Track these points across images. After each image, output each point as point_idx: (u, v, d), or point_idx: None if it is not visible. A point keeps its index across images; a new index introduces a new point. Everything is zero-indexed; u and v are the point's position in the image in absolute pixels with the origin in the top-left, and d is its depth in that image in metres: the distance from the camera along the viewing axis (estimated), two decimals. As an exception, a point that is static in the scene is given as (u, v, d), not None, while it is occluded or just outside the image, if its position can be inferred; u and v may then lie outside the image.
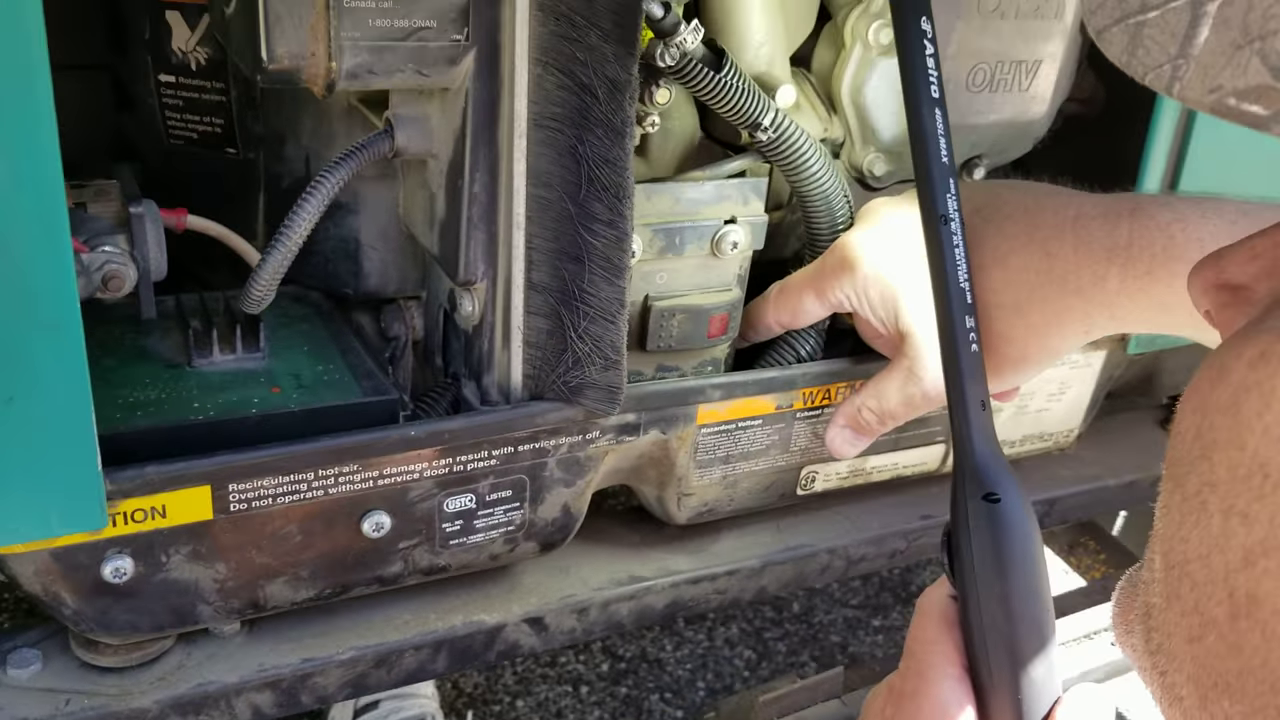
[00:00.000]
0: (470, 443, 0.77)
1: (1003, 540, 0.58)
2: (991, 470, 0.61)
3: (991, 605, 0.57)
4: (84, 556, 0.69)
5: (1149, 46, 0.34)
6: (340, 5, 0.65)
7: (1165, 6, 0.34)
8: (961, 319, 0.64)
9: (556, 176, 0.73)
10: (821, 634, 2.02)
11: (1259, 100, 0.31)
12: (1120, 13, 0.35)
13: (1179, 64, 0.33)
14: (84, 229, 0.71)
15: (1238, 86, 0.32)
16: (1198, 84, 0.33)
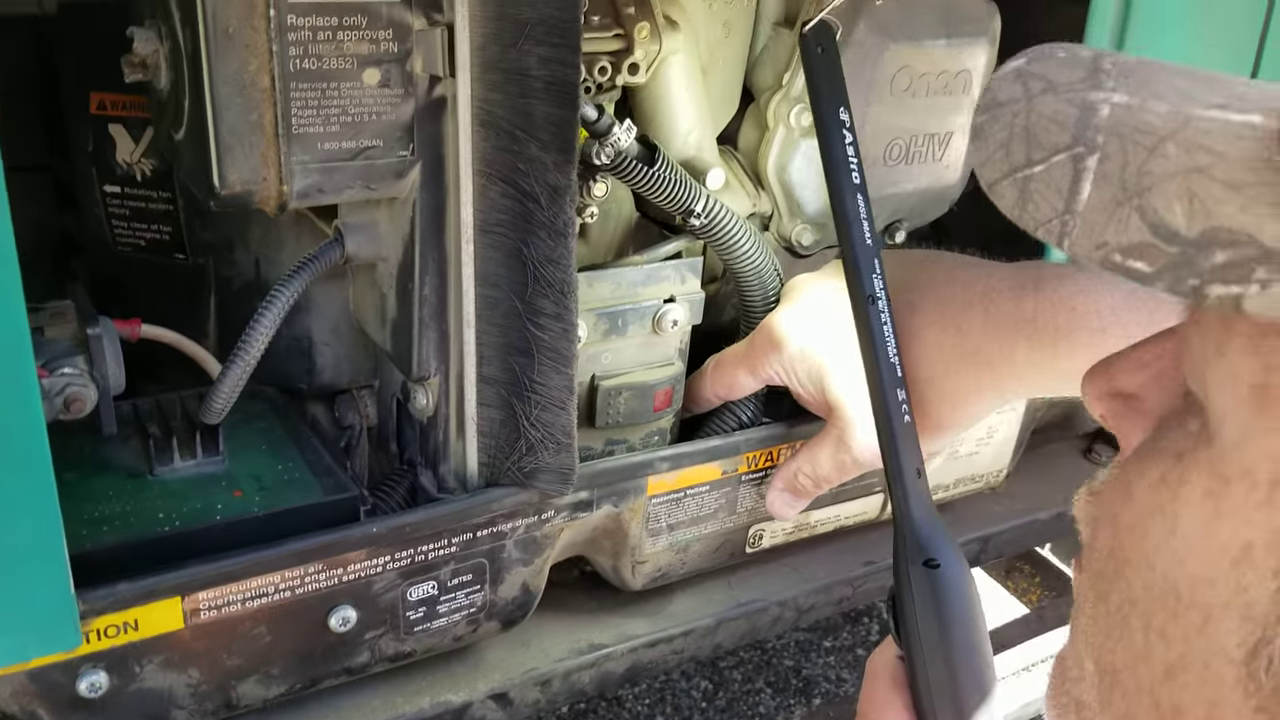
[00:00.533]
0: (430, 533, 0.80)
1: (943, 603, 0.63)
2: (930, 536, 0.65)
3: (936, 665, 0.61)
4: (60, 675, 0.70)
5: (1037, 202, 0.36)
6: (290, 131, 0.68)
7: (1048, 161, 0.36)
8: (894, 393, 0.68)
9: (503, 277, 0.76)
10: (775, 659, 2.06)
11: (1142, 257, 0.33)
12: (1008, 167, 0.37)
13: (1066, 220, 0.35)
14: (43, 353, 0.72)
15: (1121, 243, 0.33)
16: (1084, 240, 0.34)
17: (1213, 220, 0.32)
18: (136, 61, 0.72)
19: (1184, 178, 0.33)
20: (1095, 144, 0.35)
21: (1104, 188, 0.34)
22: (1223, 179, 0.33)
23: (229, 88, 0.66)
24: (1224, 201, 0.32)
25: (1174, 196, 0.33)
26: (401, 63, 0.70)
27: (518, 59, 0.69)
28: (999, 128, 0.38)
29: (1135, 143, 0.35)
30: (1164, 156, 0.34)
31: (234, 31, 0.65)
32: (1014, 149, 0.37)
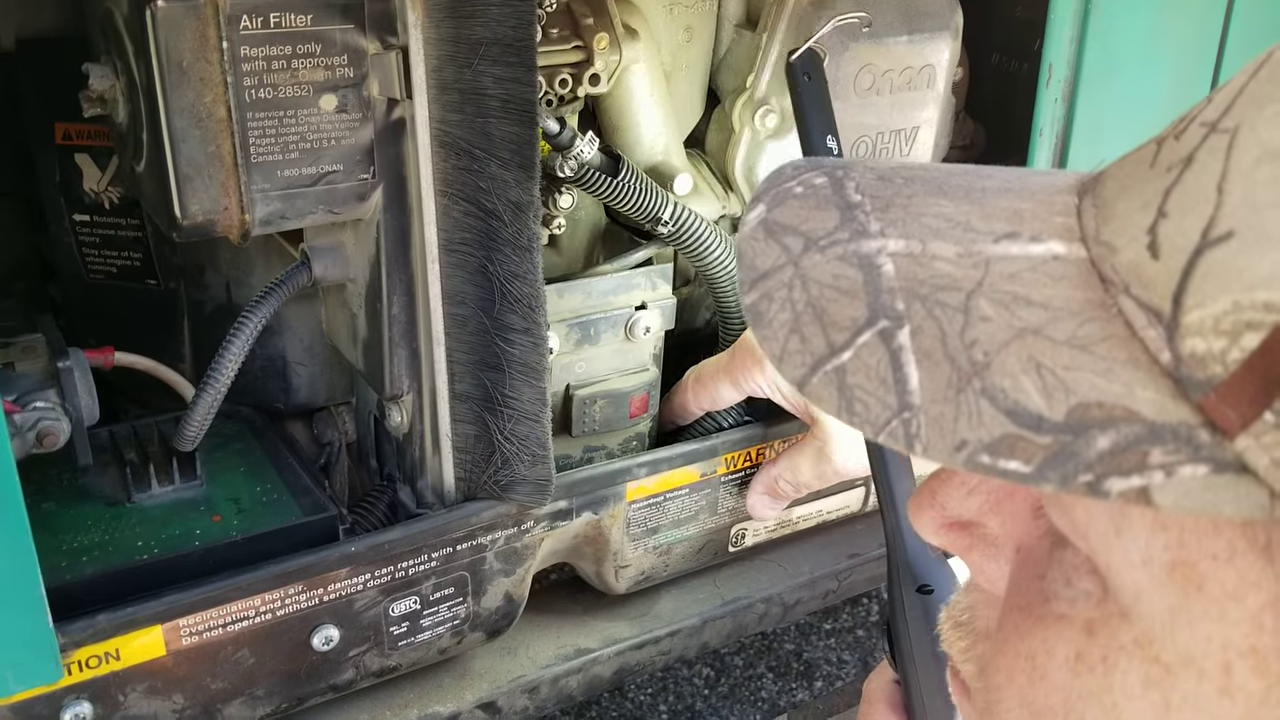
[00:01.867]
0: (410, 549, 0.80)
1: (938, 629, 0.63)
2: (922, 561, 0.65)
3: (932, 690, 0.62)
4: (43, 707, 0.71)
5: (865, 400, 0.30)
6: (249, 160, 0.68)
7: (854, 345, 0.30)
8: None
9: (470, 294, 0.76)
10: (776, 644, 2.07)
11: (1013, 454, 0.28)
12: (811, 359, 0.31)
13: (908, 420, 0.29)
14: (13, 388, 0.73)
15: (983, 440, 0.28)
16: (939, 443, 0.29)
17: (1076, 395, 0.28)
18: (94, 96, 0.72)
19: (1019, 344, 0.29)
20: (897, 312, 0.30)
21: (932, 370, 0.29)
22: (1063, 339, 0.29)
23: (185, 120, 0.66)
24: (1077, 368, 0.28)
25: (1019, 371, 0.28)
26: (358, 87, 0.70)
27: (474, 79, 0.69)
28: (777, 307, 0.32)
29: (942, 304, 0.30)
30: (983, 319, 0.29)
31: (187, 65, 0.65)
32: (807, 333, 0.31)
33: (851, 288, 0.31)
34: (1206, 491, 0.26)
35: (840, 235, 0.33)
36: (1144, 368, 0.28)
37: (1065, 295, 0.29)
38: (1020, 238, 0.31)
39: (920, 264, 0.31)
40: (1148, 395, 0.27)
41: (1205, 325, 0.27)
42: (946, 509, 0.38)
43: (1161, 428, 0.27)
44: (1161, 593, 0.29)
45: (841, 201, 0.34)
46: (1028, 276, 0.30)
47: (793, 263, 0.32)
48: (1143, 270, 0.28)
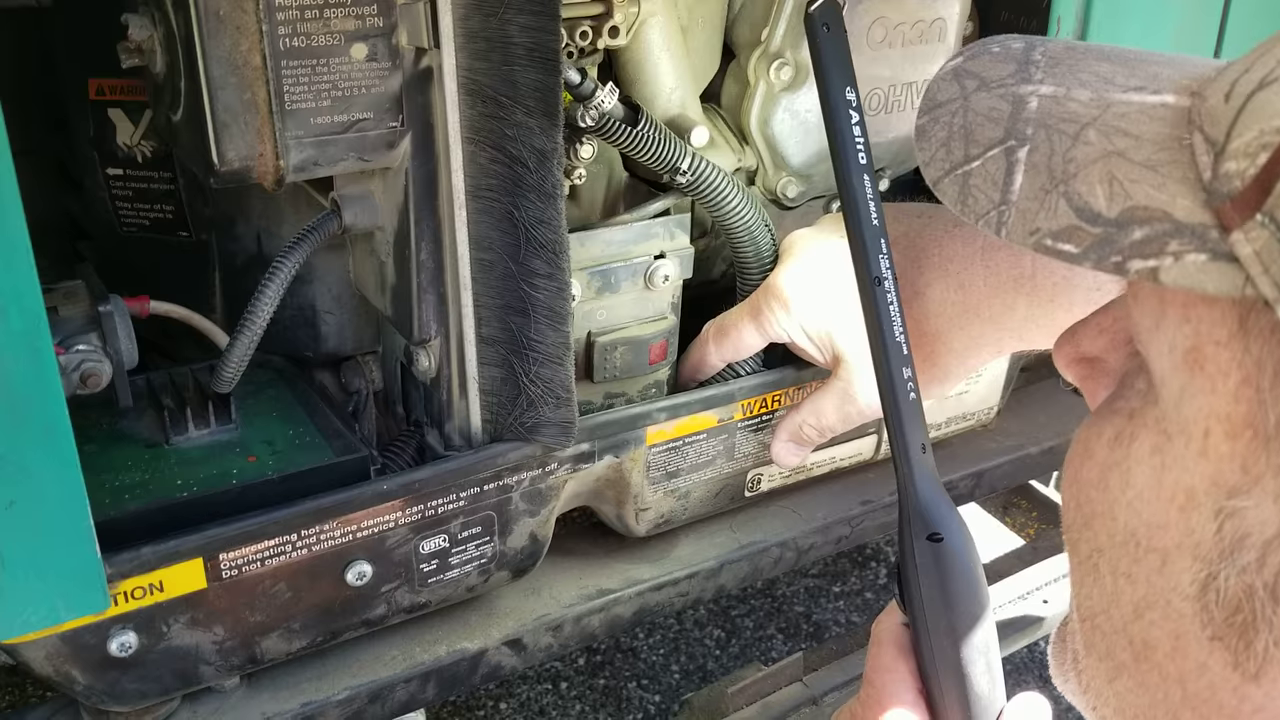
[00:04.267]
0: (439, 488, 0.83)
1: (947, 577, 0.64)
2: (934, 510, 0.66)
3: (940, 636, 0.63)
4: (91, 636, 0.74)
5: (976, 195, 0.38)
6: (284, 108, 0.70)
7: (984, 156, 0.38)
8: (900, 371, 0.69)
9: (496, 240, 0.79)
10: (785, 605, 2.11)
11: (1069, 240, 0.36)
12: (949, 165, 0.39)
13: (1003, 210, 0.37)
14: (58, 331, 0.75)
15: (1051, 228, 0.36)
16: (1019, 228, 0.37)
17: (1131, 200, 0.35)
18: (132, 47, 0.74)
19: (1104, 162, 0.36)
20: (1025, 136, 0.38)
21: (1034, 177, 0.37)
22: (1139, 160, 0.35)
23: (222, 68, 0.69)
24: (1140, 181, 0.35)
25: (1096, 181, 0.36)
26: (387, 36, 0.73)
27: (499, 27, 0.71)
28: (939, 128, 0.40)
29: (1061, 132, 0.38)
30: (1086, 143, 0.37)
31: (225, 14, 0.67)
32: (953, 147, 0.40)
33: (999, 117, 0.39)
34: (1200, 273, 0.33)
35: (1009, 81, 0.40)
36: (1190, 184, 0.34)
37: (1156, 130, 0.36)
38: (1145, 90, 0.38)
39: (1058, 103, 0.38)
40: (1185, 203, 0.34)
41: (1238, 150, 0.33)
42: (1080, 346, 0.46)
43: (1184, 226, 0.33)
44: (1177, 374, 0.36)
45: (1024, 59, 0.41)
46: (1135, 116, 0.37)
47: (964, 97, 0.40)
48: (1216, 111, 0.35)
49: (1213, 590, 0.36)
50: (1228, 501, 0.35)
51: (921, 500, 0.67)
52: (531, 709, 1.79)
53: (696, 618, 2.05)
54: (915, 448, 0.68)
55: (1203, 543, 0.36)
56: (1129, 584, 0.39)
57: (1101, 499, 0.40)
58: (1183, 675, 0.38)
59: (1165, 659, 0.38)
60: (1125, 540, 0.39)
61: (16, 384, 0.62)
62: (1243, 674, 0.35)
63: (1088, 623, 0.43)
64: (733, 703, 0.99)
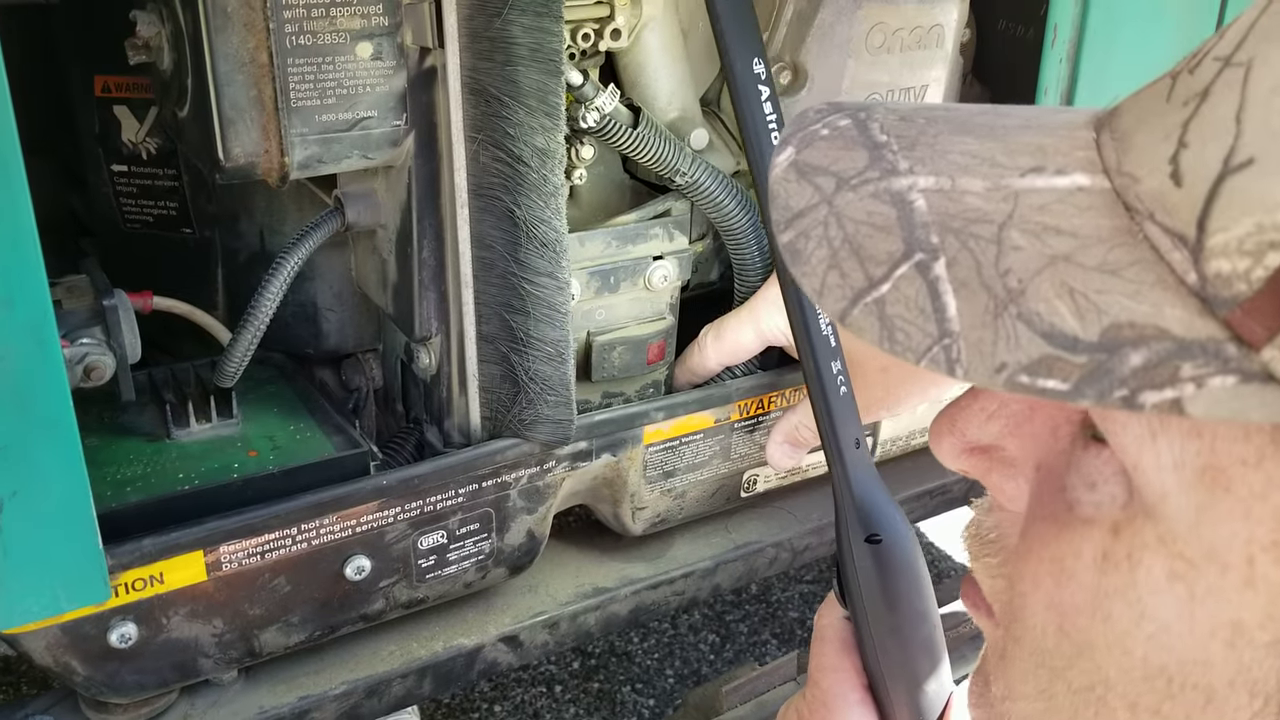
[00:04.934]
0: (437, 484, 0.84)
1: (888, 577, 0.63)
2: (871, 509, 0.64)
3: (884, 636, 0.62)
4: (91, 627, 0.75)
5: (905, 329, 0.31)
6: (289, 105, 0.71)
7: (892, 277, 0.32)
8: (828, 365, 0.67)
9: (497, 238, 0.79)
10: (780, 611, 2.11)
11: (1051, 374, 0.29)
12: (850, 292, 0.32)
13: (948, 345, 0.30)
14: (62, 325, 0.76)
15: (1021, 361, 0.30)
16: (980, 365, 0.30)
17: (1109, 316, 0.29)
18: (140, 44, 0.75)
19: (1052, 271, 0.30)
20: (932, 245, 0.32)
21: (970, 298, 0.31)
22: (1094, 265, 0.30)
23: (229, 65, 0.69)
24: (1108, 291, 0.30)
25: (1053, 296, 0.30)
26: (392, 36, 0.74)
27: (503, 28, 0.72)
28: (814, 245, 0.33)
29: (974, 235, 0.32)
30: (1015, 248, 0.31)
31: (232, 11, 0.68)
32: (846, 269, 0.32)
33: (886, 223, 0.32)
34: (1235, 400, 0.28)
35: (871, 174, 0.34)
36: (1171, 289, 0.29)
37: (1093, 224, 0.31)
38: (1045, 171, 0.33)
39: (951, 199, 0.32)
40: (1176, 314, 0.29)
41: (1230, 247, 0.28)
42: (966, 435, 0.40)
43: (1191, 343, 0.28)
44: (1189, 494, 0.31)
45: (868, 142, 0.35)
46: (1055, 208, 0.31)
47: (826, 201, 0.34)
48: (1167, 198, 0.30)
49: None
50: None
51: (858, 500, 0.64)
52: (525, 712, 1.80)
53: (691, 622, 2.05)
54: (848, 445, 0.66)
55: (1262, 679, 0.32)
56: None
57: (1103, 630, 0.35)
58: None
59: None
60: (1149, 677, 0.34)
61: (22, 375, 0.63)
62: None
63: None
64: (727, 701, 0.99)
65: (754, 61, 0.63)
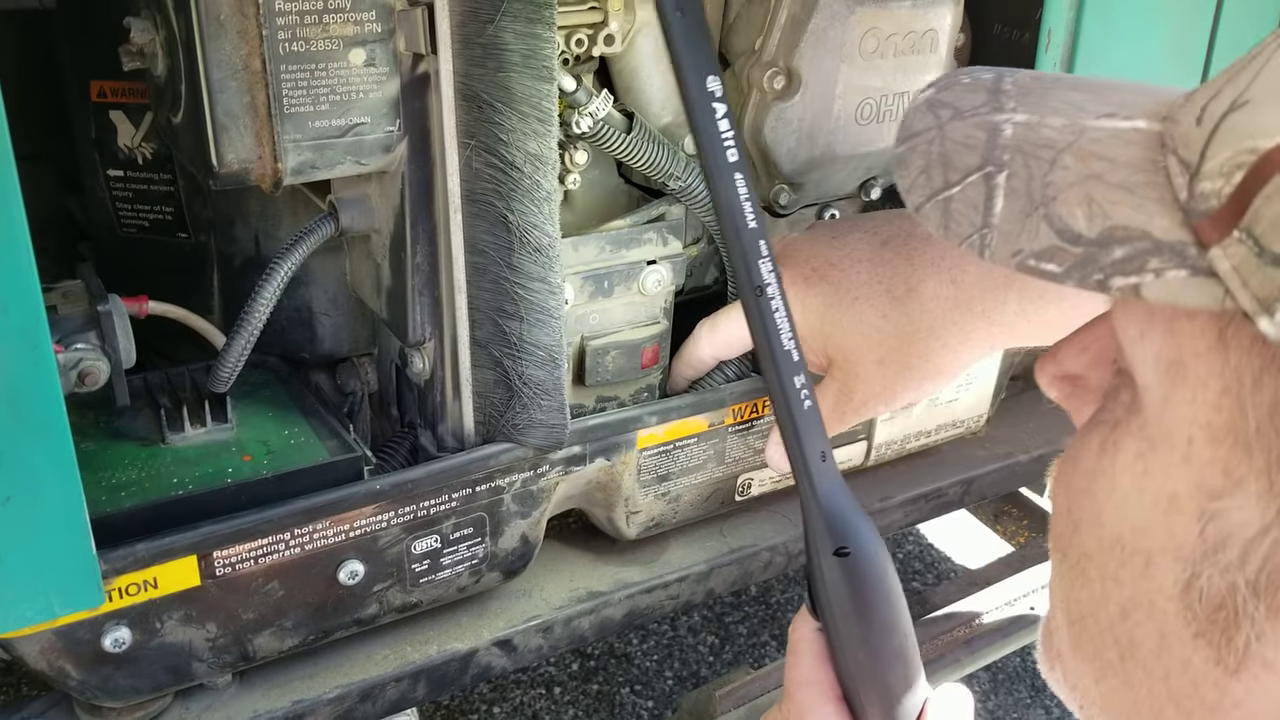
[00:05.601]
0: (431, 489, 0.84)
1: (858, 591, 0.63)
2: (839, 522, 0.64)
3: (856, 647, 0.63)
4: (85, 632, 0.75)
5: (958, 220, 0.40)
6: (282, 111, 0.72)
7: (964, 182, 0.40)
8: (791, 381, 0.67)
9: (490, 243, 0.80)
10: (779, 613, 2.11)
11: (1052, 259, 0.37)
12: (929, 191, 0.41)
13: (985, 233, 0.39)
14: (57, 330, 0.76)
15: (1034, 249, 0.38)
16: (1002, 249, 0.39)
17: (1110, 220, 0.36)
18: (134, 50, 0.75)
19: (1082, 185, 0.37)
20: (1003, 162, 0.40)
21: (1014, 201, 0.39)
22: (1116, 183, 0.37)
23: (222, 72, 0.70)
24: (1119, 203, 0.36)
25: (1075, 203, 0.37)
26: (385, 42, 0.74)
27: (495, 34, 0.73)
28: (917, 156, 0.42)
29: (1037, 157, 0.39)
30: (1063, 168, 0.38)
31: (225, 18, 0.69)
32: (933, 174, 0.41)
33: (975, 144, 0.41)
34: (1181, 288, 0.34)
35: (982, 110, 0.42)
36: (1167, 205, 0.36)
37: (1130, 154, 0.37)
38: (1116, 117, 0.39)
39: (1032, 130, 0.40)
40: (1162, 223, 0.35)
41: (1213, 170, 0.34)
42: (1063, 365, 0.47)
43: (1164, 244, 0.35)
44: (1160, 384, 0.38)
45: (994, 89, 0.43)
46: (1108, 141, 0.38)
47: (939, 126, 0.42)
48: (1188, 135, 0.36)
49: (1195, 590, 0.37)
50: (1210, 504, 0.36)
51: (826, 511, 0.64)
52: (524, 713, 1.80)
53: (690, 624, 2.05)
54: (814, 459, 0.66)
55: (1185, 545, 0.37)
56: (1116, 586, 0.41)
57: (1089, 505, 0.42)
58: (1167, 672, 0.39)
59: (1150, 657, 0.40)
60: (1112, 544, 0.41)
61: (15, 380, 0.63)
62: (1224, 669, 0.37)
63: (1076, 625, 0.44)
64: (721, 705, 0.99)
65: (709, 79, 0.63)
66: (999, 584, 1.15)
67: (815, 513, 0.65)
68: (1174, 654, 0.39)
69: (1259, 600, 0.35)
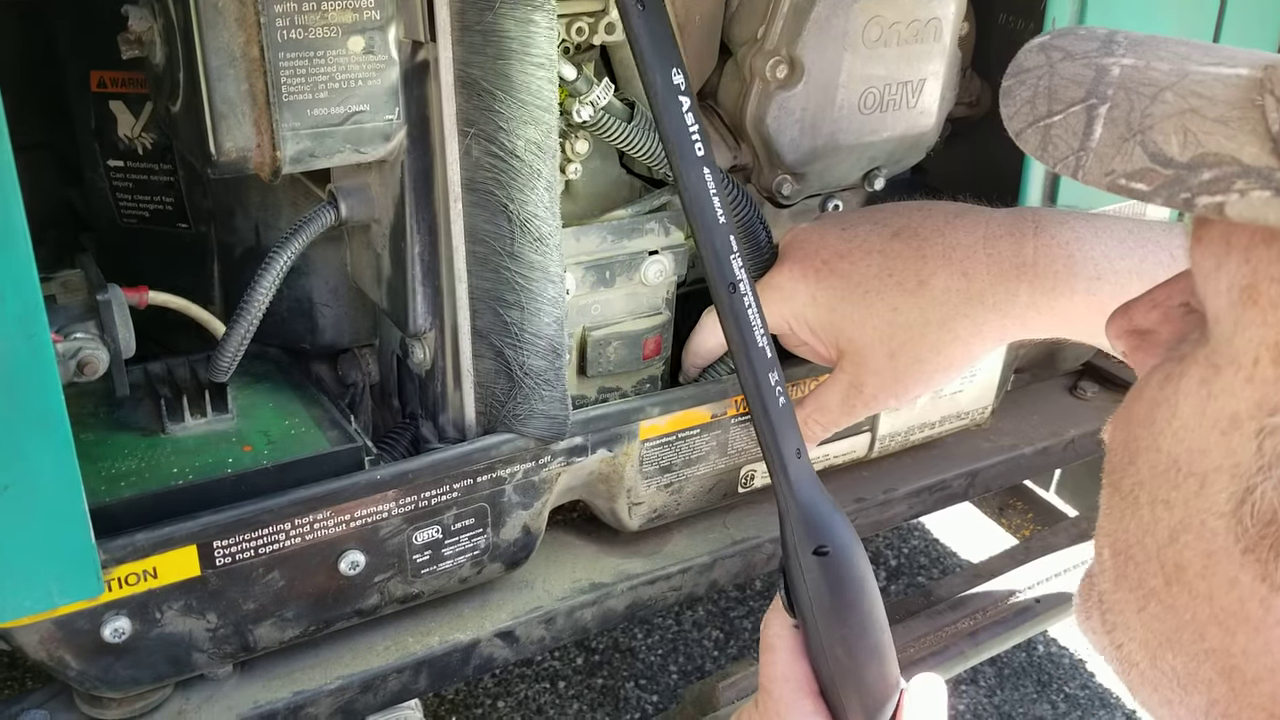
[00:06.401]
0: (432, 479, 0.84)
1: (837, 589, 0.63)
2: (816, 519, 0.65)
3: (833, 645, 0.63)
4: (84, 622, 0.75)
5: (1056, 143, 0.42)
6: (280, 99, 0.71)
7: (1067, 111, 0.42)
8: (766, 378, 0.67)
9: (491, 232, 0.79)
10: (783, 607, 2.11)
11: (1142, 179, 0.39)
12: (1032, 118, 0.43)
13: (1080, 155, 0.41)
14: (56, 319, 0.76)
15: (1126, 170, 0.40)
16: (1095, 169, 0.41)
17: (1203, 147, 0.38)
18: (132, 38, 0.75)
19: (1180, 117, 0.39)
20: (1106, 96, 0.42)
21: (1112, 129, 0.41)
22: (1212, 116, 0.39)
23: (220, 60, 0.69)
24: (1212, 133, 0.38)
25: (1171, 131, 0.39)
26: (384, 30, 0.73)
27: (495, 21, 0.72)
28: (1024, 89, 0.44)
29: (1140, 93, 0.41)
30: (1164, 102, 0.40)
31: (223, 6, 0.68)
32: (1038, 104, 0.43)
33: (1082, 81, 0.43)
34: (1265, 207, 0.36)
35: (1093, 54, 0.44)
36: (1260, 136, 0.37)
37: (1229, 94, 0.39)
38: (1222, 65, 0.41)
39: (1139, 72, 0.42)
40: (1253, 151, 0.37)
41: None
42: (1134, 320, 0.49)
43: (1251, 169, 0.36)
44: (1232, 311, 0.39)
45: (1107, 38, 0.45)
46: (1210, 83, 0.40)
47: (1050, 65, 0.44)
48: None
49: (1248, 505, 0.38)
50: (1270, 419, 0.37)
51: (802, 510, 0.64)
52: (529, 707, 1.80)
53: (695, 619, 2.05)
54: (790, 456, 0.66)
55: (1242, 461, 0.38)
56: (1166, 510, 0.42)
57: (1147, 434, 0.43)
58: (1212, 592, 0.40)
59: (1196, 578, 0.41)
60: (1167, 469, 0.42)
61: (13, 368, 0.63)
62: (1270, 585, 0.38)
63: (1121, 555, 0.45)
64: (724, 697, 0.99)
65: (673, 72, 0.63)
66: (1004, 576, 1.14)
67: (793, 511, 0.65)
68: (1220, 572, 0.40)
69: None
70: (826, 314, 0.89)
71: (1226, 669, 0.40)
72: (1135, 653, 0.45)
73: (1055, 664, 1.90)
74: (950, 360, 0.86)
